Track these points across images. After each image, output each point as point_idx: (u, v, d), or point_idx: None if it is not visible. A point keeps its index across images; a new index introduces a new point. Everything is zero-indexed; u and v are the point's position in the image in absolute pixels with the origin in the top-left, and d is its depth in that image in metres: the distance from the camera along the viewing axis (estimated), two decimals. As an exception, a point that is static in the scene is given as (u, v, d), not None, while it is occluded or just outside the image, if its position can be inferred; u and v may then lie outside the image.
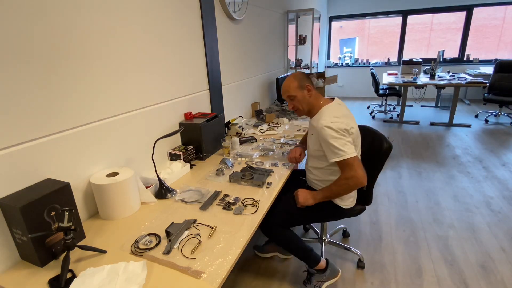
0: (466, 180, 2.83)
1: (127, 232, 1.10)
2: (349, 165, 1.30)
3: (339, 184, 1.36)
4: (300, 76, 1.45)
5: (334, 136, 1.29)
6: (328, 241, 1.92)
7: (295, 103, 1.46)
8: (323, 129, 1.31)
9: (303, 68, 4.03)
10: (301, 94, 1.44)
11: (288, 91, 1.45)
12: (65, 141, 1.09)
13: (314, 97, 1.46)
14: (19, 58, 0.93)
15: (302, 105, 1.46)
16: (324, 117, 1.35)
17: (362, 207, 1.59)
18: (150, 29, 1.46)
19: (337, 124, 1.31)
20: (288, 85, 1.45)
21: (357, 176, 1.29)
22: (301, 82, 1.43)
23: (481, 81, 4.30)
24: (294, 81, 1.43)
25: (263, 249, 1.89)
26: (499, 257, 1.84)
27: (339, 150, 1.29)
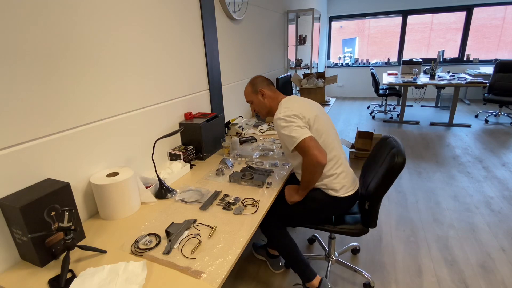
0: (466, 180, 2.83)
1: (127, 232, 1.10)
2: (303, 149, 1.26)
3: (303, 170, 1.32)
4: (254, 81, 1.50)
5: (283, 126, 1.30)
6: (336, 260, 1.77)
7: (254, 107, 1.52)
8: (275, 124, 1.35)
9: (303, 68, 4.03)
10: (256, 98, 1.49)
11: (246, 96, 1.53)
12: (65, 141, 1.09)
13: (270, 99, 1.48)
14: (19, 58, 0.93)
15: (260, 109, 1.50)
16: (277, 112, 1.37)
17: (364, 228, 1.45)
18: (150, 29, 1.46)
19: (285, 112, 1.31)
20: (245, 90, 1.53)
21: (312, 157, 1.23)
22: (254, 87, 1.49)
23: (481, 81, 4.31)
24: (249, 87, 1.51)
25: (258, 251, 1.89)
26: (499, 257, 1.84)
27: (289, 137, 1.27)
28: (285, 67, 3.91)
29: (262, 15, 2.96)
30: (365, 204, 1.40)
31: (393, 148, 1.35)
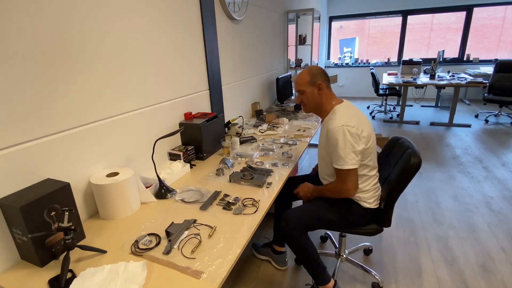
0: (466, 180, 2.83)
1: (127, 232, 1.10)
2: (342, 176, 1.30)
3: (329, 190, 1.40)
4: (315, 72, 1.38)
5: (341, 144, 1.26)
6: (346, 258, 1.77)
7: (303, 97, 1.42)
8: (333, 131, 1.28)
9: (303, 68, 4.03)
10: (310, 90, 1.38)
11: (299, 85, 1.41)
12: (65, 141, 1.09)
13: (324, 96, 1.39)
14: (18, 58, 0.93)
15: (309, 102, 1.41)
16: (336, 118, 1.30)
17: (379, 228, 1.46)
18: (150, 29, 1.46)
19: (349, 128, 1.26)
20: (300, 78, 1.40)
21: (347, 189, 1.31)
22: (314, 78, 1.37)
23: (481, 81, 4.31)
24: (306, 76, 1.39)
25: (259, 250, 1.88)
26: (499, 257, 1.84)
27: (339, 156, 1.27)
28: (285, 67, 3.91)
29: (262, 15, 2.96)
30: (381, 204, 1.43)
31: (407, 149, 1.38)
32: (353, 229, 1.47)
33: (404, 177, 1.33)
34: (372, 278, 1.69)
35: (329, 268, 1.74)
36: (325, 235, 2.06)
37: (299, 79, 1.41)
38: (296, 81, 1.43)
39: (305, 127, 2.32)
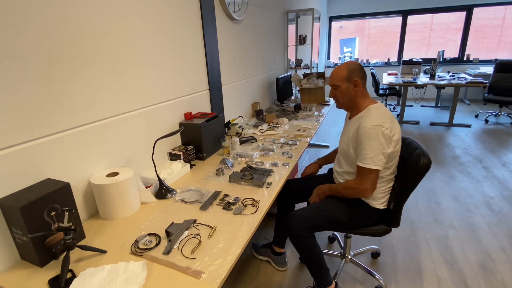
0: (466, 180, 2.83)
1: (127, 232, 1.10)
2: (364, 175, 1.30)
3: (345, 187, 1.38)
4: (353, 67, 1.36)
5: (372, 143, 1.25)
6: (350, 259, 1.77)
7: (337, 93, 1.40)
8: (366, 129, 1.26)
9: (303, 68, 4.03)
10: (345, 86, 1.36)
11: (334, 80, 1.38)
12: (65, 141, 1.09)
13: (359, 94, 1.38)
14: (19, 58, 0.93)
15: (343, 98, 1.39)
16: (372, 117, 1.29)
17: (387, 228, 1.45)
18: (149, 29, 1.46)
19: (383, 128, 1.25)
20: (336, 73, 1.38)
21: (363, 189, 1.31)
22: (351, 74, 1.35)
23: (481, 81, 4.31)
24: (344, 71, 1.36)
25: (259, 251, 1.88)
26: (499, 257, 1.84)
27: (365, 154, 1.27)
28: (285, 67, 3.91)
29: (262, 15, 2.96)
30: (390, 204, 1.43)
31: (416, 150, 1.38)
32: (361, 229, 1.45)
33: (414, 177, 1.34)
34: (375, 281, 1.68)
35: (333, 269, 1.75)
36: (332, 236, 2.06)
37: (335, 74, 1.38)
38: (332, 75, 1.40)
39: (305, 127, 2.32)
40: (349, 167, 1.44)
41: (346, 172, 1.46)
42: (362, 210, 1.41)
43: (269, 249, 1.83)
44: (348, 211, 1.40)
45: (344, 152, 1.45)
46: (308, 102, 3.24)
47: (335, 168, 1.57)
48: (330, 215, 1.40)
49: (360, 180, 1.32)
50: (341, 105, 1.45)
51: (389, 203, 1.44)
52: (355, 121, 1.38)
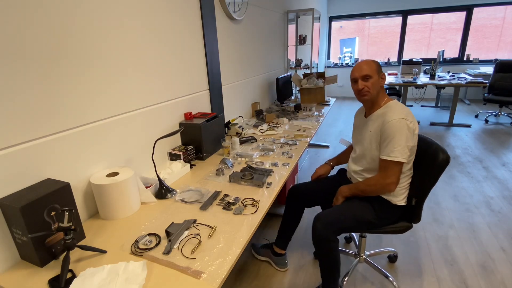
0: (466, 180, 2.83)
1: (127, 232, 1.10)
2: (388, 168, 1.29)
3: (368, 184, 1.36)
4: (378, 63, 1.40)
5: (399, 136, 1.26)
6: (364, 259, 1.75)
7: (368, 84, 1.36)
8: (392, 123, 1.27)
9: (303, 68, 4.03)
10: (377, 78, 1.37)
11: (368, 70, 1.36)
12: (65, 141, 1.09)
13: (382, 90, 1.40)
14: (18, 58, 0.93)
15: (373, 89, 1.37)
16: (396, 111, 1.31)
17: (409, 224, 1.45)
18: (150, 29, 1.46)
19: (408, 122, 1.27)
20: (369, 64, 1.37)
21: (388, 183, 1.30)
22: (379, 67, 1.38)
23: (481, 81, 4.30)
24: (374, 63, 1.38)
25: (259, 251, 1.87)
26: (499, 257, 1.84)
27: (393, 147, 1.27)
28: (285, 67, 3.91)
29: (262, 15, 2.96)
30: (412, 200, 1.43)
31: (432, 145, 1.40)
32: (384, 228, 1.45)
33: (434, 173, 1.36)
34: (389, 283, 1.66)
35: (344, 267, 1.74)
36: (349, 236, 2.05)
37: (367, 65, 1.36)
38: (362, 66, 1.37)
39: (305, 127, 2.32)
40: (369, 164, 1.43)
41: (366, 170, 1.45)
42: (386, 208, 1.40)
43: (269, 250, 1.82)
44: (373, 210, 1.39)
45: (365, 150, 1.43)
46: (308, 102, 3.24)
47: (352, 167, 1.54)
48: (358, 216, 1.38)
49: (385, 174, 1.31)
50: (369, 98, 1.39)
51: (409, 199, 1.44)
52: (377, 117, 1.39)
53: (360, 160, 1.49)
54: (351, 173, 1.56)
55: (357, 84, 1.39)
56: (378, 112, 1.40)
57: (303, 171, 3.19)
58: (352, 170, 1.55)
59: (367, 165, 1.44)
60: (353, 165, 1.54)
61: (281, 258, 1.79)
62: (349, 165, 1.59)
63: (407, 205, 1.44)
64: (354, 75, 1.40)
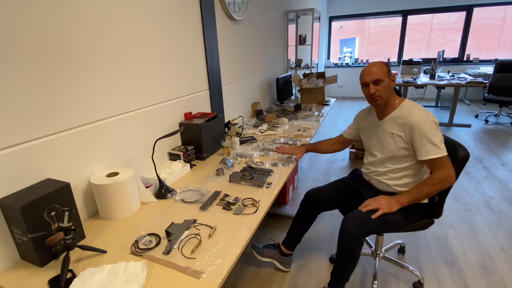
0: (466, 180, 2.83)
1: (127, 232, 1.10)
2: (444, 164, 1.28)
3: (433, 184, 1.31)
4: (387, 65, 1.38)
5: (435, 132, 1.27)
6: (382, 256, 1.75)
7: (380, 88, 1.34)
8: (422, 123, 1.27)
9: (303, 68, 4.03)
10: (388, 81, 1.35)
11: (379, 74, 1.34)
12: (65, 141, 1.09)
13: (392, 91, 1.39)
14: (18, 58, 0.93)
15: (385, 92, 1.35)
16: (418, 111, 1.30)
17: (431, 220, 1.47)
18: (150, 29, 1.46)
19: (432, 118, 1.28)
20: (380, 67, 1.35)
21: (452, 175, 1.28)
22: (389, 69, 1.36)
23: (481, 81, 4.30)
24: (384, 66, 1.35)
25: (262, 252, 1.81)
26: (499, 257, 1.84)
27: (437, 146, 1.26)
28: (285, 67, 3.92)
29: (262, 15, 2.96)
30: (435, 197, 1.45)
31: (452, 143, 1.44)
32: (409, 226, 1.44)
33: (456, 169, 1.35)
34: (411, 274, 1.71)
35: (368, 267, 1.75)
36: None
37: (378, 68, 1.34)
38: (372, 70, 1.35)
39: (305, 127, 2.32)
40: (396, 165, 1.41)
41: (393, 171, 1.43)
42: (413, 208, 1.39)
43: (276, 250, 1.78)
44: (402, 211, 1.37)
45: (389, 152, 1.41)
46: (308, 102, 3.24)
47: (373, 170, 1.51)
48: (390, 218, 1.35)
49: (445, 169, 1.29)
50: (382, 102, 1.37)
51: (433, 197, 1.44)
52: (395, 119, 1.38)
53: (383, 163, 1.46)
54: (371, 176, 1.53)
55: (368, 88, 1.37)
56: (395, 113, 1.39)
57: (303, 171, 3.19)
58: (374, 173, 1.51)
59: (393, 166, 1.42)
60: (374, 168, 1.50)
61: (288, 258, 1.77)
62: (368, 169, 1.55)
63: (429, 202, 1.45)
64: (365, 79, 1.37)
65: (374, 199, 1.39)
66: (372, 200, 1.39)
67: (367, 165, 1.57)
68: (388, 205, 1.34)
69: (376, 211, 1.34)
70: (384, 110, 1.43)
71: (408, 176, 1.41)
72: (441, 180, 1.29)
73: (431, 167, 1.33)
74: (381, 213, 1.32)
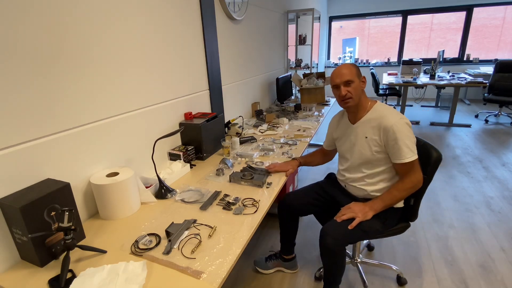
0: (466, 180, 2.83)
1: (127, 232, 1.10)
2: (414, 167, 1.29)
3: (404, 189, 1.31)
4: (357, 67, 1.37)
5: (409, 135, 1.26)
6: (361, 261, 1.76)
7: (350, 89, 1.32)
8: (396, 126, 1.25)
9: (303, 68, 4.03)
10: (358, 82, 1.34)
11: (348, 75, 1.32)
12: (65, 141, 1.09)
13: (363, 93, 1.38)
14: (18, 58, 0.93)
15: (355, 94, 1.33)
16: (391, 114, 1.30)
17: (407, 224, 1.46)
18: (149, 29, 1.46)
19: (406, 120, 1.28)
20: (349, 68, 1.33)
21: (421, 179, 1.30)
22: (359, 71, 1.35)
23: (481, 81, 4.31)
24: (353, 67, 1.34)
25: (265, 266, 1.77)
26: (499, 257, 1.84)
27: (410, 150, 1.26)
28: (285, 67, 3.91)
29: (262, 15, 2.96)
30: (410, 200, 1.45)
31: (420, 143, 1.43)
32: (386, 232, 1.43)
33: (429, 171, 1.37)
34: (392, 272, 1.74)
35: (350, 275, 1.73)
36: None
37: (347, 69, 1.33)
38: (342, 71, 1.33)
39: (305, 127, 2.32)
40: (371, 170, 1.38)
41: (368, 176, 1.39)
42: (389, 213, 1.37)
43: (279, 259, 1.76)
44: (379, 218, 1.35)
45: (364, 157, 1.37)
46: (308, 102, 3.24)
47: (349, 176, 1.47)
48: (366, 226, 1.32)
49: (415, 173, 1.30)
50: (354, 103, 1.35)
51: (407, 200, 1.44)
52: (368, 122, 1.35)
53: (358, 168, 1.42)
54: (347, 183, 1.49)
55: (339, 90, 1.35)
56: (368, 116, 1.36)
57: (303, 171, 3.19)
58: (350, 180, 1.47)
59: (369, 171, 1.40)
60: (350, 174, 1.47)
61: (292, 261, 1.76)
62: (343, 175, 1.51)
63: (405, 205, 1.44)
64: (335, 81, 1.35)
65: (348, 207, 1.36)
66: (347, 209, 1.35)
67: (342, 172, 1.51)
68: (363, 213, 1.31)
69: (352, 220, 1.30)
70: (357, 113, 1.40)
71: (385, 181, 1.39)
72: (412, 185, 1.31)
73: (402, 170, 1.32)
74: (358, 222, 1.29)
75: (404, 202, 1.43)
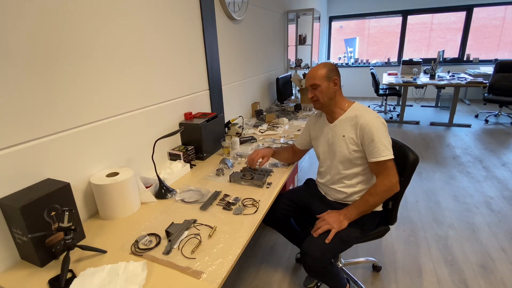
0: (466, 180, 2.83)
1: (127, 232, 1.10)
2: (389, 169, 1.24)
3: (377, 193, 1.26)
4: (330, 67, 1.33)
5: (384, 134, 1.25)
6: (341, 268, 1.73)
7: (316, 93, 1.33)
8: (372, 123, 1.24)
9: (303, 68, 4.03)
10: (326, 85, 1.32)
11: (314, 79, 1.33)
12: (65, 141, 1.09)
13: (338, 93, 1.36)
14: (18, 58, 0.93)
15: (323, 97, 1.33)
16: (367, 112, 1.29)
17: (386, 227, 1.45)
18: (149, 29, 1.46)
19: (382, 119, 1.27)
20: (315, 71, 1.33)
21: (397, 182, 1.25)
22: (330, 73, 1.32)
23: (481, 81, 4.31)
24: (322, 70, 1.32)
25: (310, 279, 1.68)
26: (499, 257, 1.84)
27: (386, 148, 1.23)
28: (285, 67, 3.91)
29: (262, 15, 2.96)
30: (388, 204, 1.43)
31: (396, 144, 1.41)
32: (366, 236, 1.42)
33: (407, 174, 1.35)
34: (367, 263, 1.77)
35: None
36: None
37: (314, 73, 1.33)
38: (310, 75, 1.35)
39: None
40: (349, 170, 1.36)
41: (349, 176, 1.36)
42: (367, 219, 1.34)
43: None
44: (356, 225, 1.32)
45: (341, 156, 1.35)
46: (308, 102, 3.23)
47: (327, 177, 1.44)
48: (345, 236, 1.28)
49: (388, 175, 1.25)
50: (321, 106, 1.37)
51: (386, 204, 1.43)
52: (345, 121, 1.34)
53: (336, 168, 1.39)
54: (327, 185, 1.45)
55: (308, 92, 1.37)
56: (346, 115, 1.34)
57: (303, 171, 3.19)
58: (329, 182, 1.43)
59: (347, 172, 1.36)
60: (329, 176, 1.43)
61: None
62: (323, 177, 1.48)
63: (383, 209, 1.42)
64: (306, 83, 1.38)
65: (323, 219, 1.31)
66: (321, 221, 1.30)
67: (322, 173, 1.49)
68: (338, 223, 1.27)
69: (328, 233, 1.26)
70: (333, 114, 1.38)
71: (363, 183, 1.36)
72: (385, 188, 1.25)
73: (377, 171, 1.28)
74: (334, 233, 1.25)
75: (383, 205, 1.41)
